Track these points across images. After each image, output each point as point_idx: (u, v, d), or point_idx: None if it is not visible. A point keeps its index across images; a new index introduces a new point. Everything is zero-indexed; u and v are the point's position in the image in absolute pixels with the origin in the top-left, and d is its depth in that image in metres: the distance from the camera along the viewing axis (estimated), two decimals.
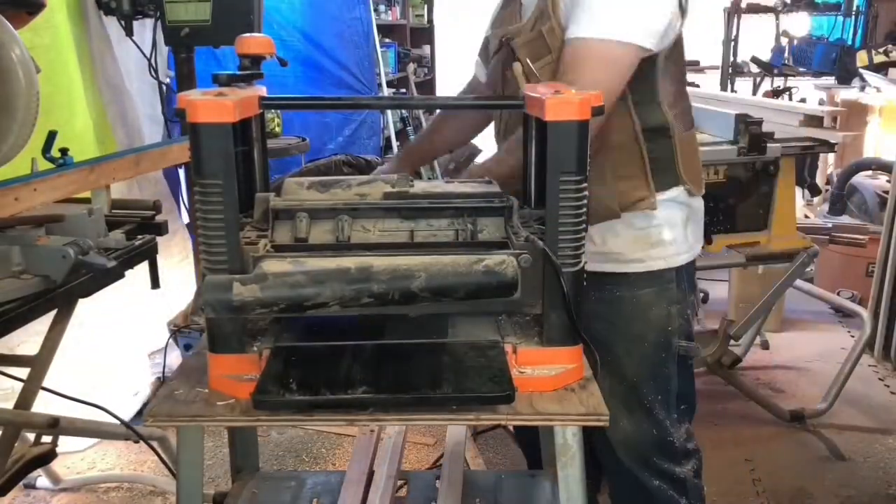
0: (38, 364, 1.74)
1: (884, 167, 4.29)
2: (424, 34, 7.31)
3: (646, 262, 1.53)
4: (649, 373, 1.57)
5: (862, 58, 5.57)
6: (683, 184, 1.53)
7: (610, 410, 1.38)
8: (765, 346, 3.58)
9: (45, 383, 1.77)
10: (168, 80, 3.15)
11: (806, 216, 4.57)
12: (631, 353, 1.56)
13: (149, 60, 2.94)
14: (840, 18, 7.03)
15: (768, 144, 2.40)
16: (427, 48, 7.27)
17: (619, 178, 1.48)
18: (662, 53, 1.45)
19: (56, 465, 2.34)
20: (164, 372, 3.02)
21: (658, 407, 1.58)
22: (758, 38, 7.06)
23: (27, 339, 1.96)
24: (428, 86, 7.04)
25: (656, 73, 1.47)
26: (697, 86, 4.66)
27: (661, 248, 1.54)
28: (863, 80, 5.40)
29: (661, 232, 1.53)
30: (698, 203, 1.61)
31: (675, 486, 1.63)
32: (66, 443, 2.35)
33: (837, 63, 6.18)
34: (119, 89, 2.92)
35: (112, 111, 2.87)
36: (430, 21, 7.34)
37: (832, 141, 2.77)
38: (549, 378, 1.17)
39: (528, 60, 1.39)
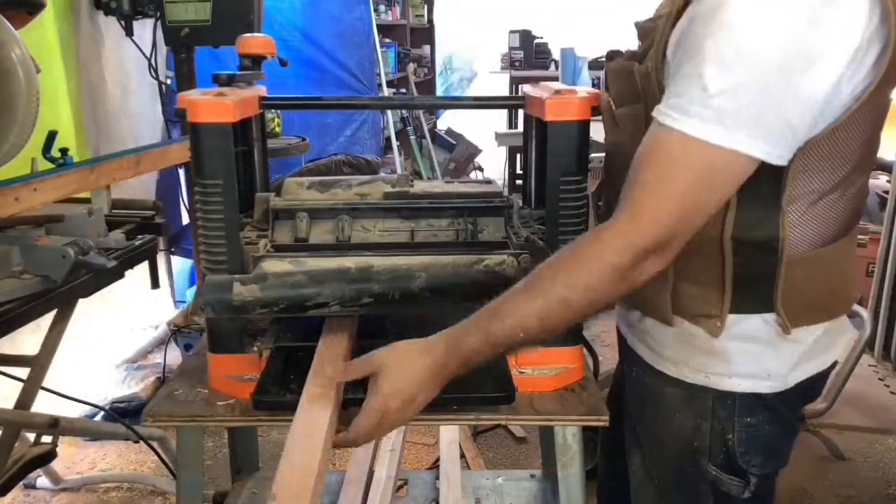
0: (38, 364, 1.74)
1: (884, 167, 4.28)
2: (424, 34, 7.31)
3: (679, 368, 1.08)
4: (674, 481, 1.16)
5: None
6: (777, 313, 1.01)
7: (637, 500, 1.22)
8: None
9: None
10: (168, 81, 3.15)
11: None
12: (652, 454, 1.18)
13: (149, 60, 2.94)
14: None
15: None
16: (427, 48, 7.27)
17: (681, 278, 1.03)
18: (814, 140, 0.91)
19: (56, 465, 2.34)
20: (164, 372, 3.02)
21: None
22: None
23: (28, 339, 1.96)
24: (428, 86, 7.04)
25: (786, 170, 0.93)
26: None
27: (705, 360, 1.06)
28: None
29: (719, 349, 1.04)
30: (808, 337, 1.05)
31: None
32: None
33: None
34: (101, 91, 2.92)
35: (88, 113, 2.87)
36: (430, 21, 7.34)
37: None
38: (549, 378, 1.17)
39: (611, 99, 1.09)
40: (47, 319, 1.69)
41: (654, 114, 0.90)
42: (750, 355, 1.04)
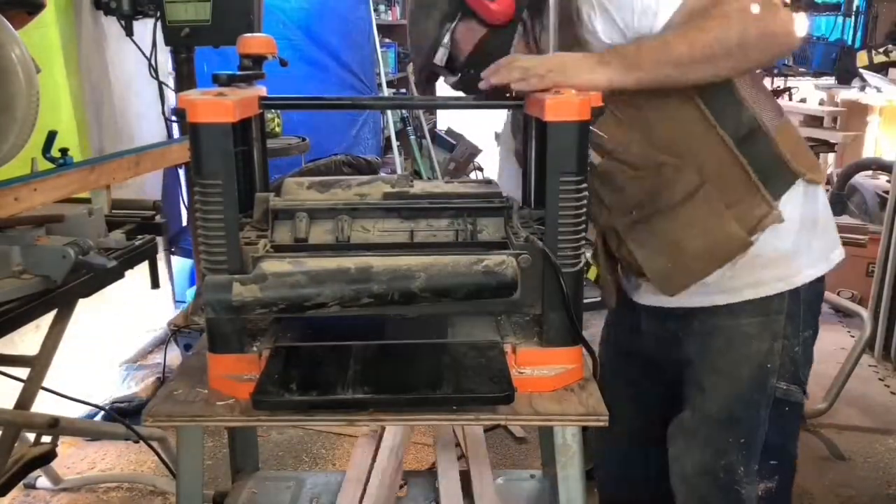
0: (38, 364, 1.74)
1: (884, 167, 4.28)
2: None
3: (757, 288, 1.29)
4: (734, 414, 1.34)
5: (862, 58, 5.56)
6: (801, 175, 1.27)
7: (685, 444, 1.38)
8: None
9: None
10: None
11: None
12: (717, 389, 1.34)
13: (149, 60, 2.94)
14: (840, 18, 7.04)
15: None
16: None
17: (730, 206, 1.24)
18: None
19: (56, 465, 2.34)
20: (164, 372, 3.02)
21: (733, 452, 1.34)
22: None
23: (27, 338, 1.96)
24: None
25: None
26: None
27: (780, 269, 1.29)
28: (863, 80, 5.40)
29: (777, 244, 1.27)
30: (823, 196, 1.34)
31: None
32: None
33: (837, 63, 6.18)
34: (104, 91, 2.92)
35: (91, 113, 2.87)
36: None
37: (832, 141, 2.77)
38: (549, 378, 1.17)
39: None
40: (47, 319, 1.69)
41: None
42: (804, 244, 1.29)
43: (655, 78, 1.17)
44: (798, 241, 1.29)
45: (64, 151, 1.77)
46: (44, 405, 1.84)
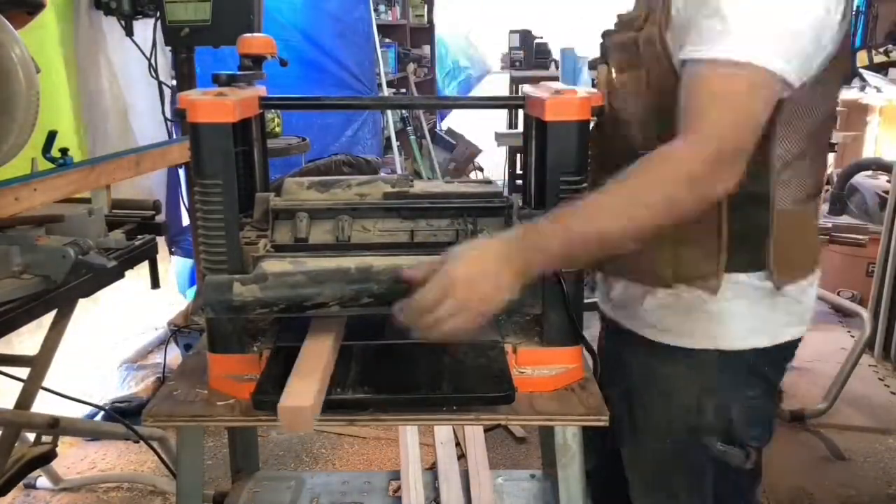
0: (38, 364, 1.74)
1: (884, 167, 4.28)
2: (424, 34, 7.31)
3: (682, 337, 1.16)
4: (674, 464, 1.23)
5: (862, 58, 5.55)
6: (768, 269, 1.12)
7: (637, 484, 1.29)
8: None
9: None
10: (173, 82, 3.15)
11: None
12: (654, 434, 1.23)
13: (149, 60, 2.94)
14: None
15: None
16: (427, 48, 7.27)
17: (680, 243, 1.11)
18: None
19: (56, 465, 2.34)
20: (164, 372, 3.02)
21: (685, 499, 1.24)
22: None
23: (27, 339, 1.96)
24: (428, 86, 7.04)
25: (773, 125, 1.04)
26: None
27: (710, 324, 1.14)
28: (863, 80, 5.39)
29: (719, 311, 1.14)
30: (795, 291, 1.16)
31: None
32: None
33: None
34: (107, 91, 2.92)
35: (90, 113, 2.87)
36: (430, 21, 7.34)
37: (832, 141, 2.76)
38: (549, 378, 1.17)
39: (614, 68, 1.15)
40: (47, 319, 1.69)
41: (682, 56, 1.00)
42: (749, 312, 1.13)
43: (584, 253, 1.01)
44: (733, 306, 1.13)
45: (64, 151, 1.77)
46: (44, 405, 1.84)
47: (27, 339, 1.86)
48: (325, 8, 4.34)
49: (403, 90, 6.04)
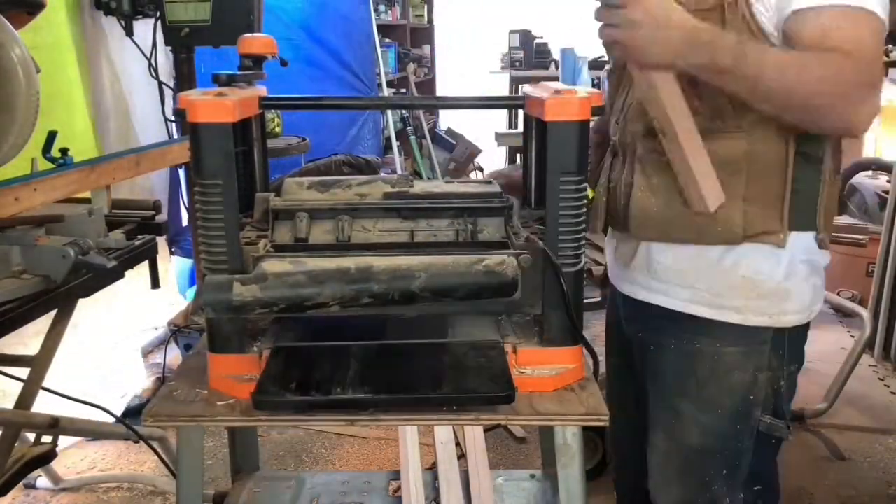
0: (38, 364, 1.74)
1: (884, 167, 4.28)
2: (424, 34, 7.31)
3: (744, 314, 1.23)
4: (717, 444, 1.30)
5: None
6: (818, 231, 1.23)
7: (663, 476, 1.34)
8: None
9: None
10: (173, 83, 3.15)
11: None
12: (700, 419, 1.29)
13: (149, 60, 2.94)
14: None
15: None
16: (427, 48, 7.27)
17: (748, 200, 1.18)
18: None
19: (56, 465, 2.34)
20: (164, 372, 3.02)
21: (720, 483, 1.31)
22: None
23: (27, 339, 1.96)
24: (428, 86, 7.04)
25: None
26: None
27: (768, 302, 1.22)
28: None
29: (776, 281, 1.22)
30: (825, 260, 1.28)
31: None
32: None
33: None
34: (109, 91, 2.92)
35: (99, 113, 2.87)
36: (430, 21, 7.34)
37: None
38: (549, 378, 1.17)
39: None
40: (48, 319, 1.69)
41: (795, 7, 1.06)
42: (797, 290, 1.23)
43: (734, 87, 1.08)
44: (795, 287, 1.23)
45: (64, 151, 1.77)
46: (44, 405, 1.84)
47: (33, 340, 1.86)
48: (329, 7, 4.34)
49: (403, 90, 6.05)
